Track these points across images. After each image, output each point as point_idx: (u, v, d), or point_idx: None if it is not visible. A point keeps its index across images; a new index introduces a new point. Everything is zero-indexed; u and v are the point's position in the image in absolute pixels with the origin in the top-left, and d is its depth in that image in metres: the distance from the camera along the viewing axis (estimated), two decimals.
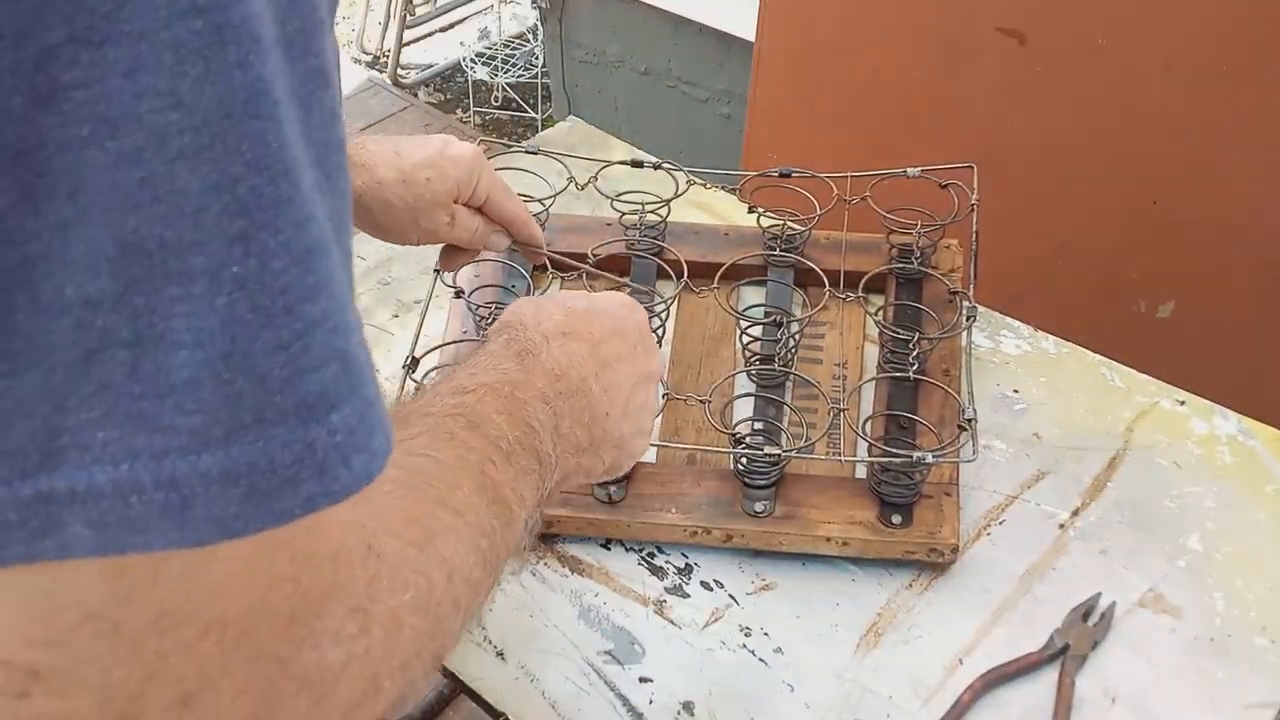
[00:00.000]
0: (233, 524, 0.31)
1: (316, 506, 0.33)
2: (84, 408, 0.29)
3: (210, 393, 0.30)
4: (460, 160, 0.85)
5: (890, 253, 1.05)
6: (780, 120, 1.58)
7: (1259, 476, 0.92)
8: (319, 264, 0.32)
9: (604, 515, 0.87)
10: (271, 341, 0.31)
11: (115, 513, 0.30)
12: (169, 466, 0.30)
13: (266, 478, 0.31)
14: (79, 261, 0.28)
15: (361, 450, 0.34)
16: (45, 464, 0.29)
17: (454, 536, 0.45)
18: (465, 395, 0.53)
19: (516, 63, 2.97)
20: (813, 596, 0.85)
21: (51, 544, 0.30)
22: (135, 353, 0.29)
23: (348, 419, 0.33)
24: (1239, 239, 1.28)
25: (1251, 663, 0.80)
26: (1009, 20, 1.32)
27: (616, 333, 0.64)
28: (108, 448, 0.30)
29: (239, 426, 0.31)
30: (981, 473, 0.92)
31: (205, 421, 0.30)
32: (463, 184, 0.86)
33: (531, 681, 0.80)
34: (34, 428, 0.29)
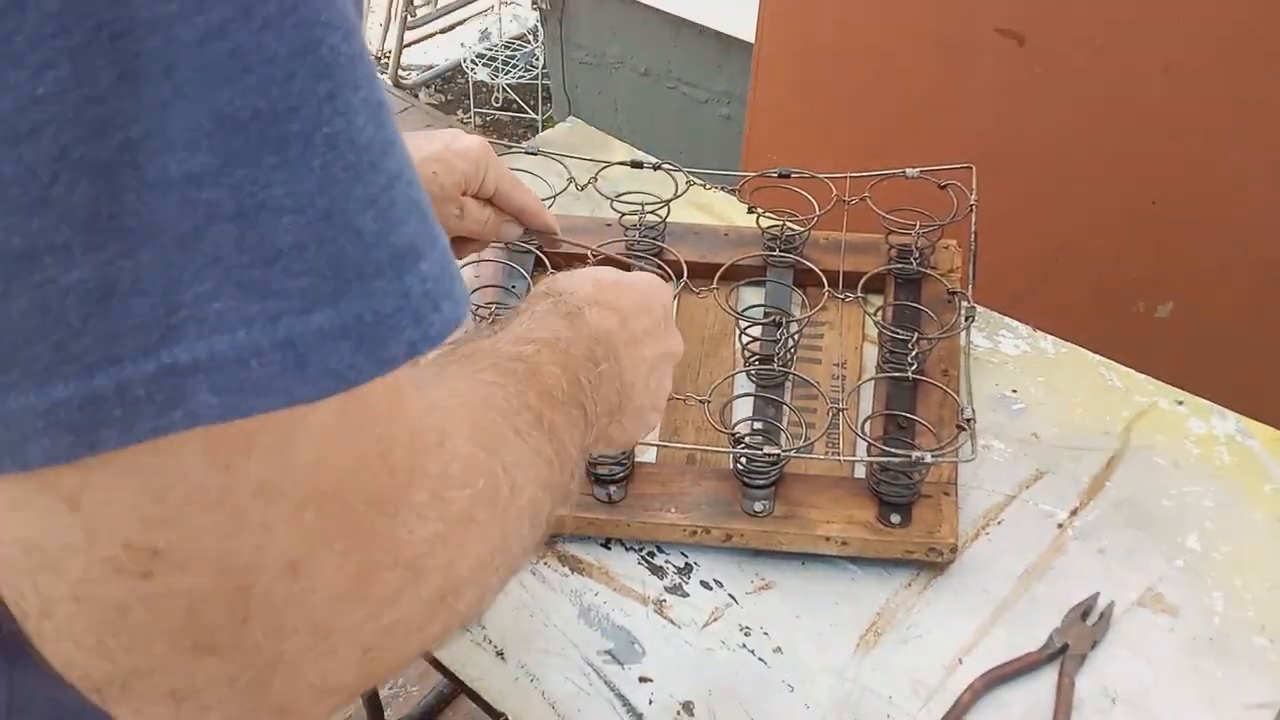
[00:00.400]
0: (347, 374, 0.33)
1: (418, 352, 0.34)
2: (198, 280, 0.30)
3: (315, 253, 0.31)
4: (467, 153, 0.85)
5: (889, 253, 1.05)
6: (780, 120, 1.58)
7: (1257, 476, 0.92)
8: (388, 118, 0.34)
9: (604, 515, 0.87)
10: (364, 198, 0.32)
11: (238, 377, 0.31)
12: (284, 328, 0.31)
13: (373, 328, 0.33)
14: (179, 139, 0.29)
15: (448, 296, 0.35)
16: (167, 338, 0.30)
17: (517, 451, 0.46)
18: (524, 345, 0.55)
19: (517, 64, 2.97)
20: (812, 596, 0.85)
21: (180, 414, 0.31)
22: (240, 224, 0.30)
23: (433, 267, 0.35)
24: (1238, 239, 1.28)
25: (1250, 662, 0.80)
26: (1009, 21, 1.32)
27: (644, 308, 0.66)
28: (224, 317, 0.31)
29: (343, 282, 0.32)
30: (980, 472, 0.92)
31: (313, 282, 0.32)
32: (470, 176, 0.86)
33: (531, 681, 0.80)
34: (152, 304, 0.30)
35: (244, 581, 0.33)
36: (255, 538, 0.33)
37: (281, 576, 0.33)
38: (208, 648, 0.33)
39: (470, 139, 0.86)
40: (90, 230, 0.29)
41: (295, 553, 0.34)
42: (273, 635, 0.34)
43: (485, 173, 0.87)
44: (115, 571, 0.32)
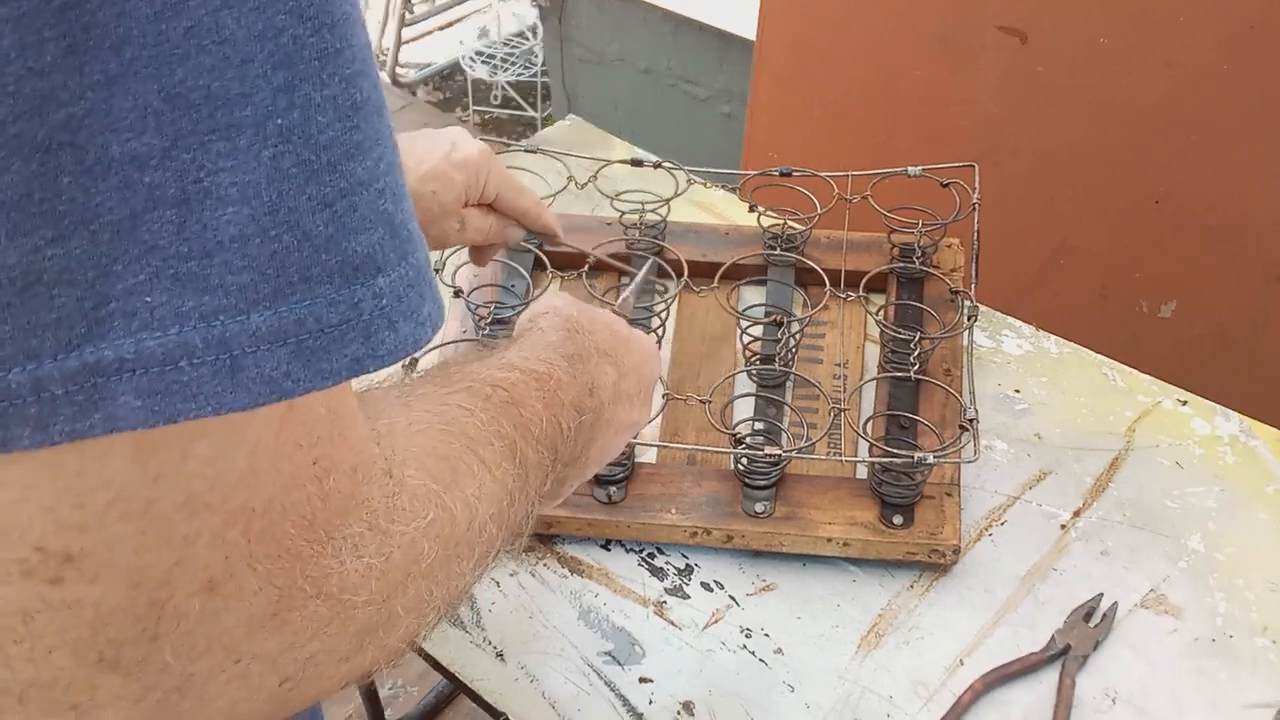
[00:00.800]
0: (283, 383, 0.31)
1: (363, 369, 0.33)
2: (131, 271, 0.29)
3: (257, 250, 0.30)
4: (466, 164, 0.84)
5: (891, 252, 1.05)
6: (781, 118, 1.58)
7: (1261, 477, 0.92)
8: (367, 122, 0.32)
9: (604, 516, 0.87)
10: (316, 198, 0.31)
11: (166, 379, 0.29)
12: (219, 327, 0.30)
13: (314, 337, 0.31)
14: (125, 117, 0.28)
15: (408, 317, 0.34)
16: (92, 333, 0.28)
17: (478, 484, 0.45)
18: (513, 372, 0.54)
19: (516, 61, 2.97)
20: (813, 597, 0.85)
21: (100, 417, 0.29)
22: (182, 211, 0.29)
23: (395, 284, 0.33)
24: (1242, 238, 1.28)
25: (1253, 663, 0.80)
26: (1010, 19, 1.31)
27: (637, 371, 0.65)
28: (156, 311, 0.29)
29: (286, 284, 0.31)
30: (983, 473, 0.92)
31: (253, 279, 0.30)
32: (470, 188, 0.85)
33: (531, 682, 0.80)
34: (79, 295, 0.28)
35: (158, 596, 0.31)
36: (175, 551, 0.31)
37: (197, 594, 0.32)
38: (113, 663, 0.32)
39: (469, 147, 0.85)
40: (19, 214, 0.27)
41: (214, 571, 0.32)
42: (183, 655, 0.32)
43: (485, 181, 0.86)
44: (23, 574, 0.30)
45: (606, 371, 0.62)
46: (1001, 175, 1.34)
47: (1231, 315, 1.31)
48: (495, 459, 0.47)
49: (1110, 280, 1.38)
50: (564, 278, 1.06)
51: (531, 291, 1.01)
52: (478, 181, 0.85)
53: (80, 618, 0.31)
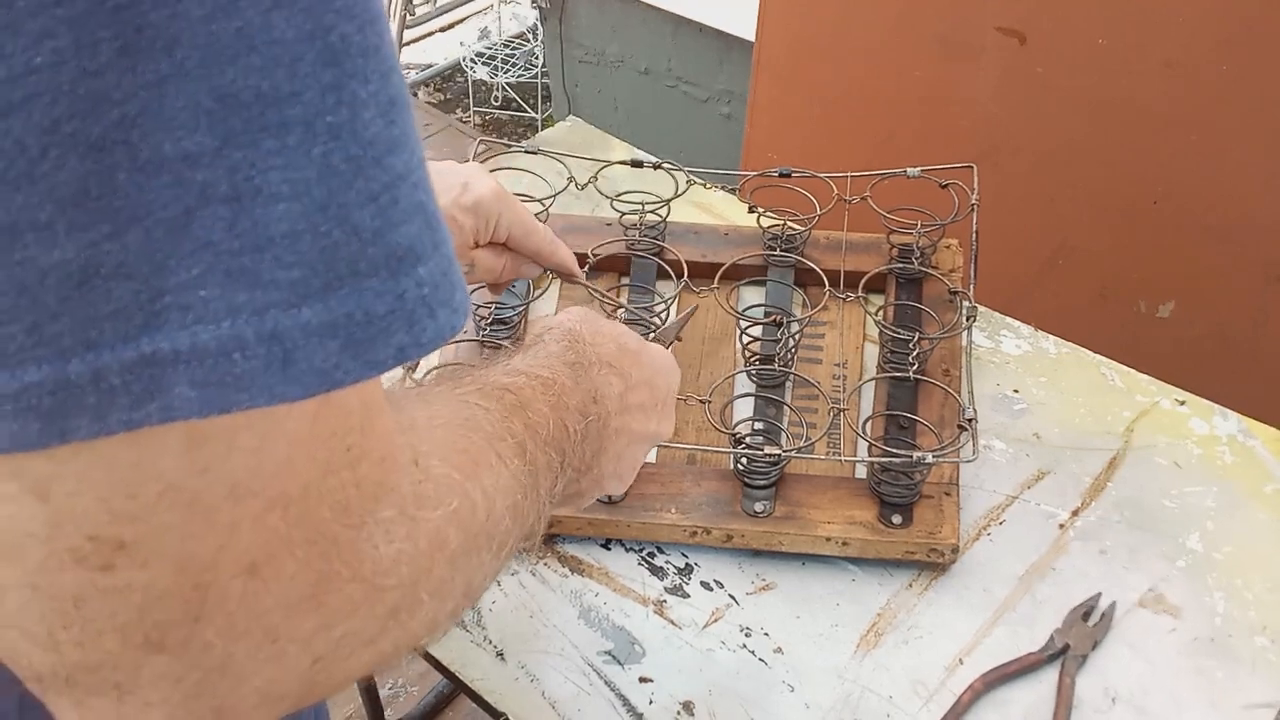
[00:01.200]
0: (334, 374, 0.32)
1: (407, 357, 0.34)
2: (185, 266, 0.29)
3: (308, 245, 0.31)
4: (477, 208, 0.83)
5: (890, 252, 1.05)
6: (780, 119, 1.58)
7: (1259, 476, 0.92)
8: (401, 116, 0.33)
9: (604, 515, 0.87)
10: (364, 192, 0.32)
11: (220, 370, 0.30)
12: (271, 321, 0.31)
13: (363, 328, 0.32)
14: (177, 117, 0.28)
15: (445, 304, 0.35)
16: (148, 325, 0.29)
17: (496, 476, 0.46)
18: (519, 377, 0.55)
19: (516, 62, 2.97)
20: (813, 596, 0.85)
21: (156, 407, 0.30)
22: (234, 208, 0.29)
23: (432, 273, 0.34)
24: (1240, 238, 1.28)
25: (1252, 663, 0.80)
26: (1009, 20, 1.32)
27: (648, 384, 0.66)
28: (210, 305, 0.30)
29: (336, 278, 0.31)
30: (981, 473, 0.92)
31: (304, 274, 0.31)
32: (480, 231, 0.84)
33: (531, 681, 0.80)
34: (136, 288, 0.29)
35: (202, 579, 0.32)
36: (219, 537, 0.32)
37: (239, 577, 0.33)
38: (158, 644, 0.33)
39: (481, 187, 0.84)
40: (77, 209, 0.28)
41: (256, 555, 0.33)
42: (224, 635, 0.33)
43: (495, 224, 0.85)
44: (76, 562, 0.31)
45: (611, 382, 0.62)
46: (1000, 176, 1.34)
47: (1230, 315, 1.32)
48: (509, 455, 0.48)
49: (1109, 280, 1.38)
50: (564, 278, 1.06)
51: (531, 291, 1.01)
52: (488, 225, 0.84)
53: (129, 602, 0.32)
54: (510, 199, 0.86)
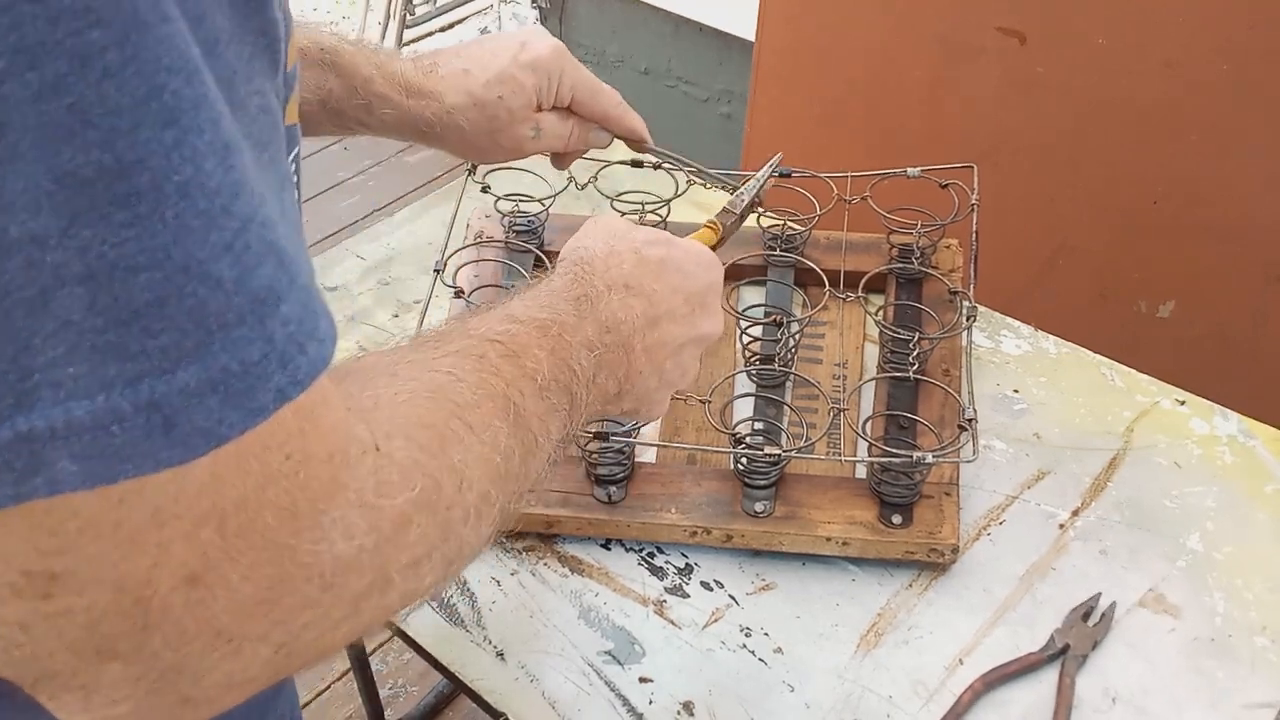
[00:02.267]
0: (218, 430, 0.32)
1: (287, 397, 0.34)
2: (49, 345, 0.29)
3: (175, 308, 0.31)
4: (536, 65, 0.81)
5: (890, 252, 1.05)
6: (780, 120, 1.58)
7: (1259, 476, 0.92)
8: (236, 159, 0.33)
9: (604, 515, 0.87)
10: (219, 244, 0.31)
11: (100, 443, 0.30)
12: (146, 389, 0.31)
13: (240, 378, 0.32)
14: (18, 200, 0.28)
15: (312, 337, 0.35)
16: (20, 404, 0.29)
17: (465, 448, 0.46)
18: (514, 324, 0.54)
19: None
20: (813, 596, 0.85)
21: (41, 481, 0.30)
22: (91, 286, 0.29)
23: (294, 309, 0.34)
24: (1240, 238, 1.28)
25: (1252, 663, 0.80)
26: (1009, 20, 1.32)
27: (679, 290, 0.64)
28: (80, 381, 0.30)
29: (207, 335, 0.31)
30: (981, 473, 0.92)
31: (175, 338, 0.31)
32: (543, 90, 0.82)
33: (531, 681, 0.80)
34: (3, 369, 0.29)
35: (142, 595, 0.33)
36: (150, 557, 0.32)
37: (179, 589, 0.33)
38: (110, 654, 0.33)
39: (540, 46, 0.81)
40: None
41: (194, 567, 0.33)
42: (173, 642, 0.34)
43: (559, 82, 0.82)
44: (15, 595, 0.32)
45: (630, 304, 0.61)
46: (1000, 176, 1.34)
47: (1230, 315, 1.32)
48: (484, 421, 0.48)
49: (1109, 280, 1.38)
50: None
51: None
52: (550, 84, 0.82)
53: (74, 623, 0.32)
54: (572, 59, 0.83)
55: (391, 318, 1.10)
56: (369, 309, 1.11)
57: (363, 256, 1.17)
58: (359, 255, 1.18)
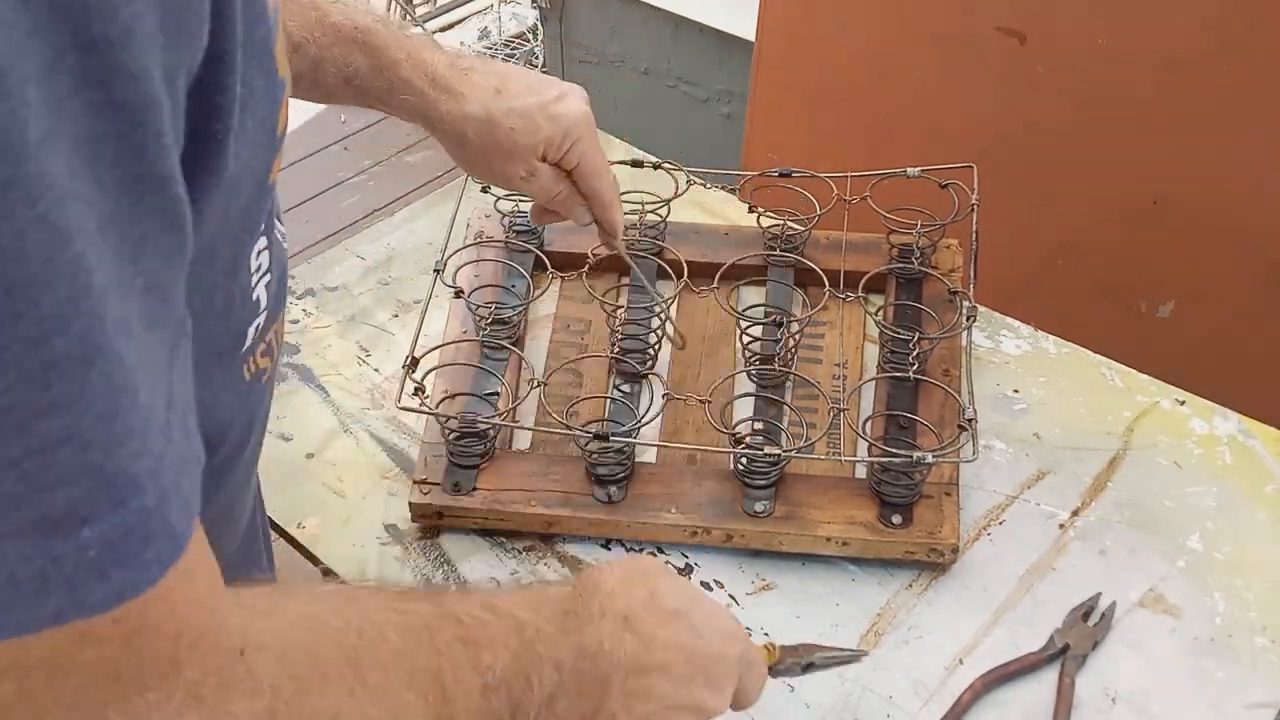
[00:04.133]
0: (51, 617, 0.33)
1: (64, 619, 0.33)
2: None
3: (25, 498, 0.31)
4: (560, 118, 0.81)
5: (890, 253, 1.05)
6: (780, 120, 1.58)
7: (1259, 476, 0.92)
8: (66, 379, 0.32)
9: (604, 515, 0.87)
10: (3, 459, 0.32)
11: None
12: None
13: (6, 590, 0.32)
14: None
15: (125, 563, 0.34)
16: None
17: (344, 699, 0.44)
18: (489, 614, 0.52)
19: (517, 63, 2.97)
20: (813, 596, 0.85)
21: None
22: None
23: (105, 533, 0.34)
24: (1240, 238, 1.28)
25: (1252, 663, 0.80)
26: (1009, 20, 1.32)
27: (684, 649, 0.57)
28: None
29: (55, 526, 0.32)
30: (981, 473, 0.92)
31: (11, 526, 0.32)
32: (551, 143, 0.82)
33: None
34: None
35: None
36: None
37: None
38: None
39: (574, 104, 0.82)
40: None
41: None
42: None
43: (571, 145, 0.82)
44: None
45: (622, 639, 0.55)
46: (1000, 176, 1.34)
47: (1230, 315, 1.32)
48: (383, 685, 0.45)
49: (1108, 280, 1.38)
50: (564, 278, 1.06)
51: (531, 292, 1.01)
52: (563, 140, 0.82)
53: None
54: (594, 132, 0.83)
55: (391, 318, 1.10)
56: (369, 309, 1.11)
57: (363, 256, 1.17)
58: (359, 255, 1.18)
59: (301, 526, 0.91)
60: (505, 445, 0.94)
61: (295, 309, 1.11)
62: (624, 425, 0.89)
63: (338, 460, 0.96)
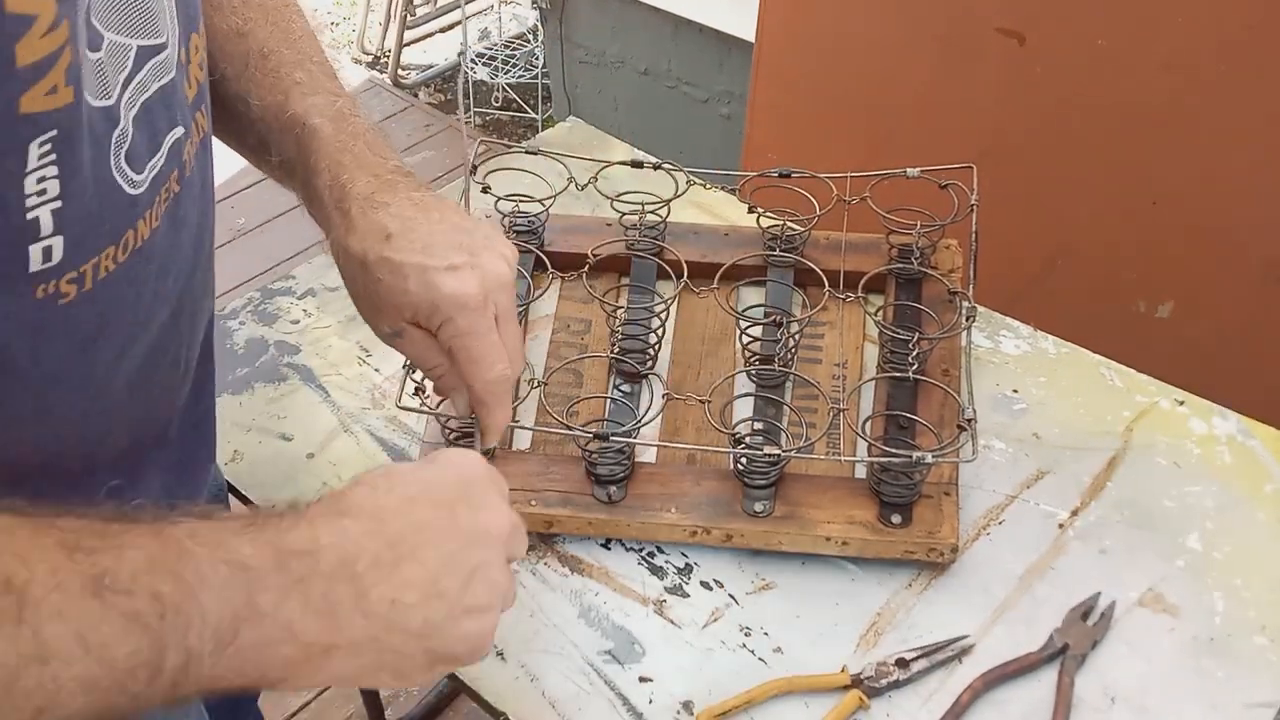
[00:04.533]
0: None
1: None
2: None
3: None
4: (434, 288, 0.69)
5: (890, 253, 1.05)
6: (780, 120, 1.58)
7: (1258, 476, 0.92)
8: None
9: (604, 515, 0.87)
10: None
11: None
12: None
13: None
14: None
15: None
16: None
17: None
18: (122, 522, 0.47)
19: (517, 63, 2.97)
20: (812, 596, 0.85)
21: None
22: None
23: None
24: (1239, 238, 1.28)
25: (1251, 662, 0.80)
26: (1009, 20, 1.32)
27: (418, 499, 0.55)
28: None
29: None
30: (981, 472, 0.92)
31: None
32: (419, 310, 0.71)
33: (531, 681, 0.80)
34: None
35: None
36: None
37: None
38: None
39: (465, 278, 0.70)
40: None
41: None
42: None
43: (441, 323, 0.71)
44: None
45: (345, 528, 0.52)
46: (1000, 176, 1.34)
47: (1229, 315, 1.32)
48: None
49: (1108, 281, 1.38)
50: (564, 278, 1.06)
51: (532, 292, 1.01)
52: (431, 315, 0.70)
53: None
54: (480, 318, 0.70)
55: None
56: None
57: None
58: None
59: None
60: (505, 445, 0.94)
61: (295, 309, 1.12)
62: (624, 425, 0.89)
63: (338, 460, 0.97)
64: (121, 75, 0.56)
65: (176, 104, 0.62)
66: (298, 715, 1.73)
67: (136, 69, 0.57)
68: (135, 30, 0.57)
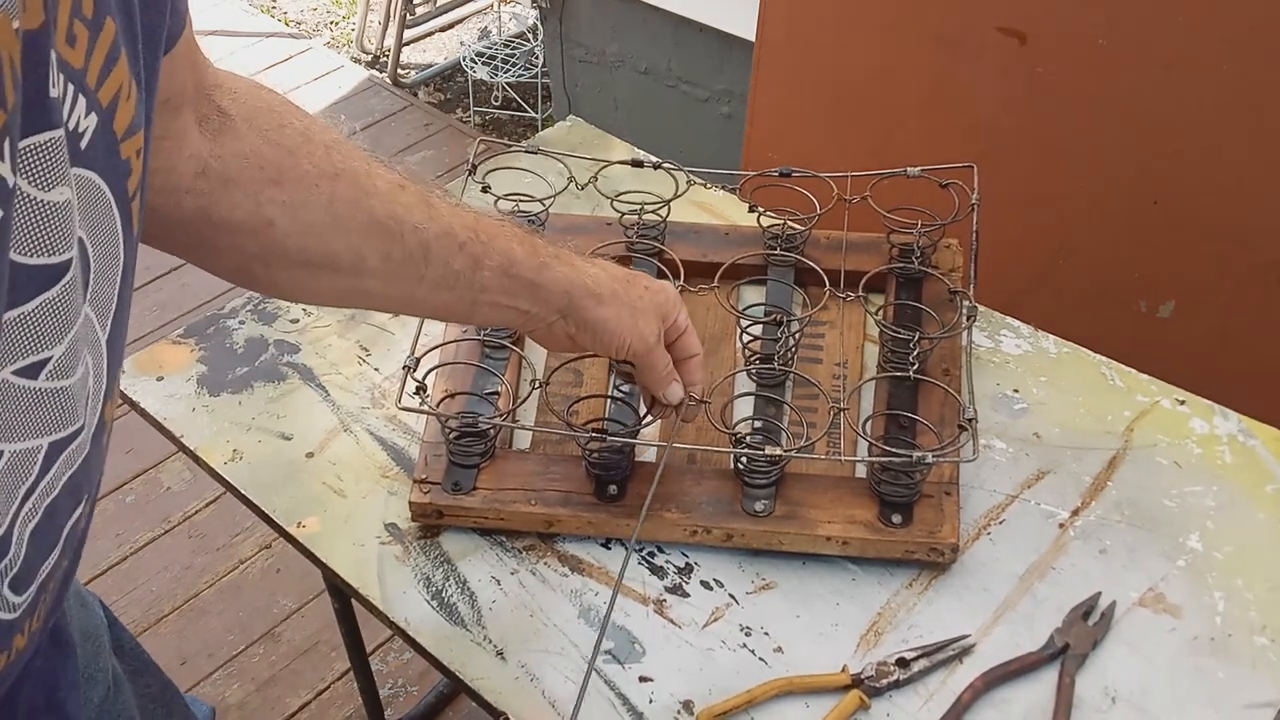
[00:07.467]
0: None
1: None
2: None
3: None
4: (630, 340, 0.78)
5: (890, 252, 1.05)
6: (780, 120, 1.58)
7: (1259, 476, 0.92)
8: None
9: (604, 515, 0.87)
10: None
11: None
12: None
13: None
14: None
15: None
16: None
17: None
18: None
19: (517, 62, 2.97)
20: (813, 596, 0.85)
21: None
22: None
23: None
24: (1239, 238, 1.28)
25: (1252, 662, 0.80)
26: (1009, 20, 1.32)
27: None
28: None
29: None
30: (981, 472, 0.92)
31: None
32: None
33: (532, 681, 0.80)
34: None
35: None
36: None
37: None
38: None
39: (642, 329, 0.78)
40: None
41: None
42: None
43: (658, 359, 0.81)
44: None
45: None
46: (1000, 176, 1.34)
47: (1230, 315, 1.32)
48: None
49: (1108, 280, 1.38)
50: None
51: None
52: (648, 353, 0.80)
53: None
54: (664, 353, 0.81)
55: (391, 317, 1.10)
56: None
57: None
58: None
59: (301, 525, 0.91)
60: (505, 445, 0.94)
61: (295, 308, 1.11)
62: (624, 425, 0.89)
63: (338, 459, 0.97)
64: (22, 489, 0.45)
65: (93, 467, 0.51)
66: (297, 715, 1.73)
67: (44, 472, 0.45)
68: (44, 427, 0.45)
